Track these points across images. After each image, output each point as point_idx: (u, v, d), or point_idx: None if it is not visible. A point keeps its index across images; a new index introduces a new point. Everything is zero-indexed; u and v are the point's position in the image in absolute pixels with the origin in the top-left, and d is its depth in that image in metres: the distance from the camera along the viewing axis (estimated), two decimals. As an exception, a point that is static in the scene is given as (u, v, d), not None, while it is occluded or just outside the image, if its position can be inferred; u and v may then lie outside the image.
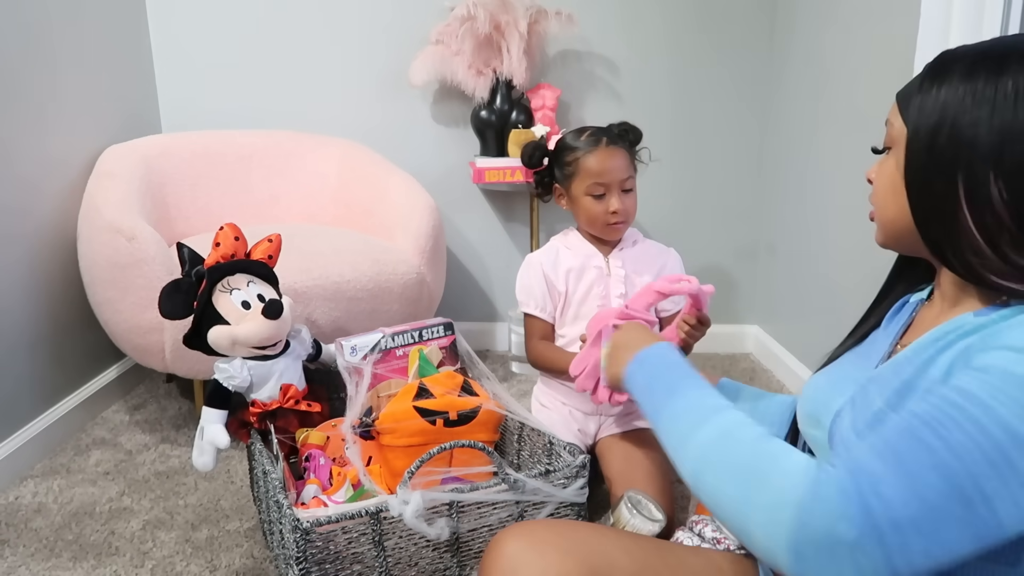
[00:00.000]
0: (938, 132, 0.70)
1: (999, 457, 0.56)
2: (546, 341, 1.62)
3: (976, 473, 0.56)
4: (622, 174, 1.52)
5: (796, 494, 0.60)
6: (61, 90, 1.98)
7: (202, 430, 1.37)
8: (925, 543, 0.56)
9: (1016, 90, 0.67)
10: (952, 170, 0.69)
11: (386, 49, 2.45)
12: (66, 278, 1.98)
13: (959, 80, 0.70)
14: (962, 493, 0.56)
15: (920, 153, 0.72)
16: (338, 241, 2.02)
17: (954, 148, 0.69)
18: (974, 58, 0.71)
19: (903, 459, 0.58)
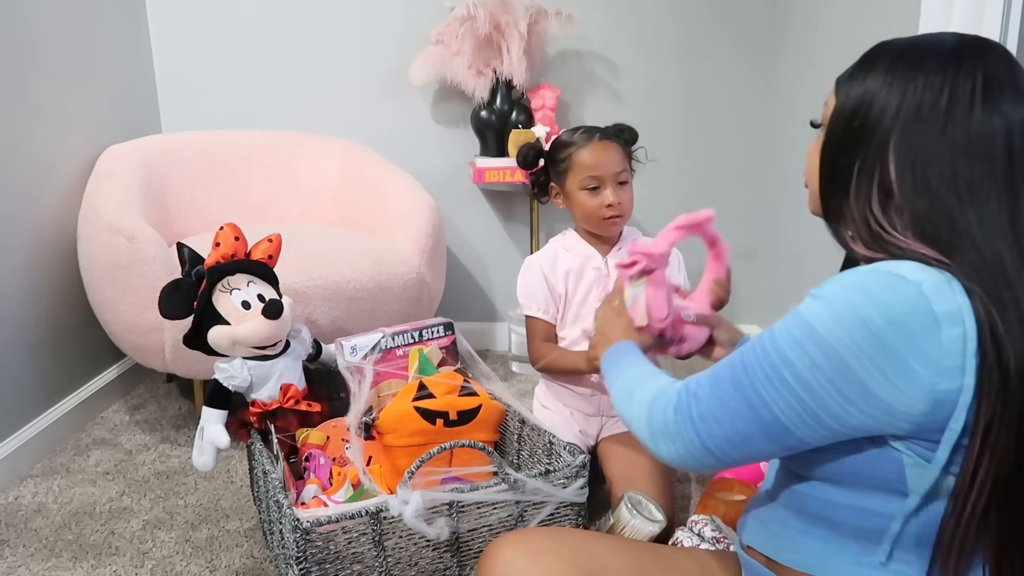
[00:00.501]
0: (855, 114, 0.79)
1: (773, 373, 0.74)
2: (549, 343, 1.61)
3: (756, 384, 0.75)
4: (616, 167, 1.51)
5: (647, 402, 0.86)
6: (61, 90, 1.98)
7: (202, 430, 1.37)
8: (724, 432, 0.77)
9: (924, 86, 0.75)
10: (856, 149, 0.78)
11: (386, 49, 2.45)
12: (66, 278, 1.98)
13: (882, 70, 0.78)
14: (747, 398, 0.76)
15: (836, 131, 0.81)
16: (338, 241, 2.01)
17: (863, 130, 0.78)
18: (898, 52, 0.79)
19: (716, 373, 0.80)
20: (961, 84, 0.74)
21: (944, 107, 0.74)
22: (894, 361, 0.69)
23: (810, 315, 0.73)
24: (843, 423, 0.72)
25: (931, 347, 0.69)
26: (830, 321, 0.71)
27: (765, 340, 0.76)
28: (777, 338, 0.75)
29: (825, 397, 0.72)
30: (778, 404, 0.74)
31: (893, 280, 0.71)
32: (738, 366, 0.77)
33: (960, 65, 0.75)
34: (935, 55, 0.76)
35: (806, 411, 0.73)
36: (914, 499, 0.74)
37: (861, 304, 0.70)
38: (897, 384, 0.69)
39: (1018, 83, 0.75)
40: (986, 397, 0.69)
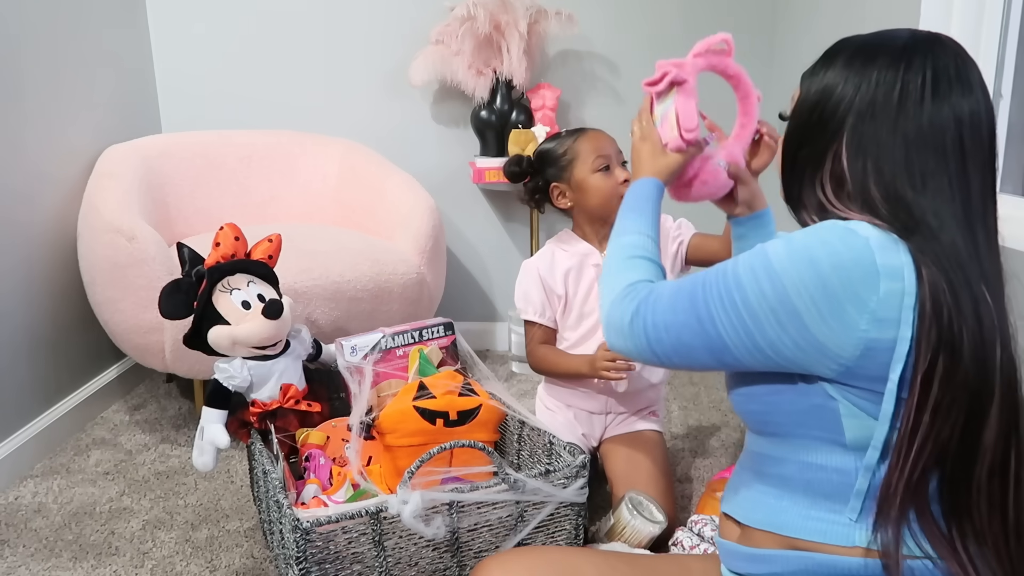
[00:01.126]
0: (814, 107, 0.85)
1: (725, 294, 0.82)
2: (547, 345, 1.59)
3: (708, 300, 0.83)
4: (615, 146, 1.53)
5: (614, 295, 0.93)
6: (61, 90, 1.98)
7: (202, 430, 1.37)
8: (671, 341, 0.86)
9: (877, 81, 0.80)
10: (815, 139, 0.85)
11: (386, 49, 2.45)
12: (66, 278, 1.98)
13: (840, 66, 0.84)
14: (696, 311, 0.84)
15: (798, 122, 0.87)
16: (338, 241, 2.02)
17: (821, 122, 0.84)
18: (855, 49, 0.85)
19: (678, 287, 0.87)
20: (912, 79, 0.79)
21: (896, 101, 0.79)
22: (831, 302, 0.76)
23: (771, 251, 0.80)
24: (777, 351, 0.80)
25: (868, 295, 0.75)
26: (785, 259, 0.79)
27: (728, 265, 0.84)
28: (739, 265, 0.82)
29: (765, 323, 0.79)
30: (723, 323, 0.82)
31: (846, 233, 0.78)
32: (699, 283, 0.85)
33: (911, 61, 0.80)
34: (888, 51, 0.82)
35: (746, 333, 0.81)
36: (873, 454, 0.79)
37: (814, 247, 0.78)
38: (830, 323, 0.76)
39: (967, 76, 0.80)
40: (924, 355, 0.75)
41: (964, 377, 0.75)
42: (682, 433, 2.00)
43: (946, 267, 0.75)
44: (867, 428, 0.79)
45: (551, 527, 1.27)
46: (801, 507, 0.84)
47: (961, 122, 0.78)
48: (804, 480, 0.84)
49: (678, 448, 1.91)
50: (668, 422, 2.05)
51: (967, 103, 0.79)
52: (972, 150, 0.79)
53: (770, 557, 0.86)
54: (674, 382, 2.32)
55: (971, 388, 0.76)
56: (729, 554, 0.93)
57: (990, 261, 0.79)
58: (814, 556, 0.82)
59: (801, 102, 0.88)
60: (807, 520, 0.84)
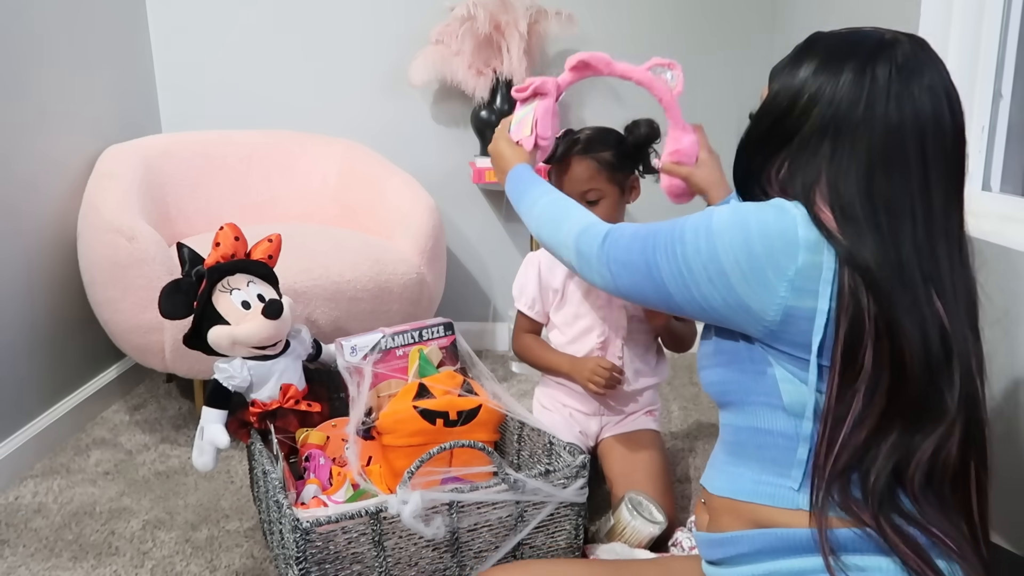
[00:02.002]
0: (789, 106, 0.88)
1: (669, 246, 0.91)
2: (533, 335, 1.64)
3: (656, 250, 0.93)
4: (580, 185, 1.50)
5: (578, 229, 1.05)
6: (61, 90, 1.98)
7: (202, 430, 1.37)
8: (627, 278, 0.97)
9: (847, 82, 0.83)
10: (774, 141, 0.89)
11: (386, 49, 2.45)
12: (66, 278, 1.98)
13: (813, 65, 0.86)
14: (646, 258, 0.94)
15: (763, 118, 0.91)
16: (338, 241, 2.02)
17: (791, 118, 0.87)
18: (830, 45, 0.88)
19: (639, 231, 0.97)
20: (877, 89, 0.82)
21: (860, 115, 0.82)
22: (754, 265, 0.83)
23: (716, 213, 0.89)
24: (709, 305, 0.89)
25: (787, 264, 0.82)
26: (725, 222, 0.87)
27: (680, 220, 0.93)
28: (687, 222, 0.91)
29: (699, 278, 0.88)
30: (666, 271, 0.92)
31: (780, 209, 0.85)
32: (651, 232, 0.95)
33: (876, 69, 0.83)
34: (863, 51, 0.85)
35: (683, 284, 0.90)
36: (807, 424, 0.85)
37: (749, 215, 0.85)
38: (753, 286, 0.84)
39: (934, 78, 0.83)
40: (843, 331, 0.80)
41: (899, 379, 0.79)
42: (682, 433, 2.00)
43: (887, 280, 0.79)
44: (800, 394, 0.85)
45: (551, 527, 1.27)
46: (753, 472, 0.91)
47: (924, 129, 0.81)
48: (755, 445, 0.91)
49: (678, 448, 1.91)
50: (668, 422, 2.05)
51: (930, 106, 0.82)
52: (935, 159, 0.82)
53: (735, 539, 0.90)
54: (674, 382, 2.32)
55: (909, 394, 0.80)
56: (702, 544, 0.97)
57: (954, 278, 0.82)
58: (774, 532, 0.86)
59: (773, 96, 0.91)
60: (758, 485, 0.90)
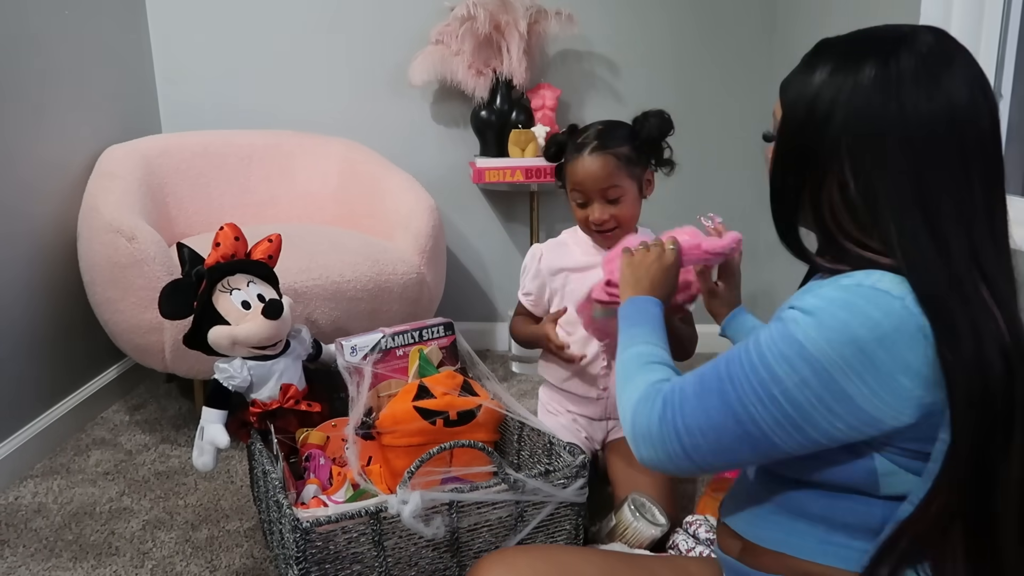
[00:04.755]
0: (804, 123, 0.78)
1: (762, 390, 0.74)
2: (524, 317, 1.64)
3: (744, 400, 0.75)
4: (600, 183, 1.44)
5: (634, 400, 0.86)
6: (61, 90, 1.98)
7: (202, 430, 1.37)
8: (709, 445, 0.78)
9: (870, 78, 0.74)
10: (806, 159, 0.78)
11: (386, 49, 2.45)
12: (66, 278, 1.98)
13: (829, 68, 0.77)
14: (735, 413, 0.76)
15: (785, 134, 0.80)
16: (338, 241, 2.01)
17: (812, 140, 0.77)
18: (843, 48, 0.79)
19: (703, 382, 0.79)
20: (906, 79, 0.73)
21: (894, 108, 0.73)
22: (882, 377, 0.70)
23: (799, 332, 0.73)
24: (829, 436, 0.74)
25: (917, 361, 0.70)
26: (819, 340, 0.71)
27: (752, 354, 0.76)
28: (765, 354, 0.75)
29: (813, 413, 0.73)
30: (766, 420, 0.75)
31: (877, 295, 0.71)
32: (725, 379, 0.77)
33: (899, 58, 0.74)
34: (879, 49, 0.76)
35: (793, 427, 0.74)
36: (907, 507, 0.75)
37: (849, 322, 0.70)
38: (885, 399, 0.71)
39: (963, 67, 0.74)
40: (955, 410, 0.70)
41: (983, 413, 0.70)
42: (682, 433, 2.00)
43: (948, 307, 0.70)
44: (905, 484, 0.75)
45: (551, 527, 1.27)
46: (819, 532, 0.81)
47: (960, 121, 0.73)
48: (825, 510, 0.81)
49: (678, 448, 1.91)
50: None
51: (965, 96, 0.73)
52: (974, 153, 0.73)
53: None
54: (674, 382, 2.32)
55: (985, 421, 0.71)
56: (733, 571, 0.90)
57: (999, 274, 0.74)
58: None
59: (788, 111, 0.80)
60: (825, 545, 0.81)
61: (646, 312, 1.02)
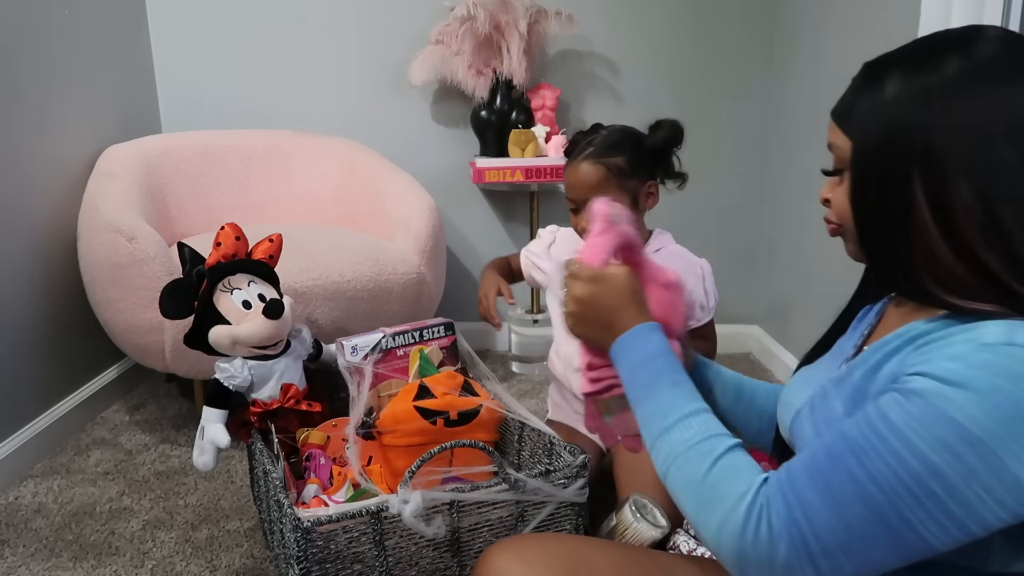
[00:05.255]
0: (887, 140, 0.67)
1: (918, 488, 0.60)
2: (504, 260, 1.65)
3: (898, 503, 0.61)
4: (587, 193, 1.37)
5: (736, 523, 0.67)
6: (61, 90, 1.98)
7: (202, 430, 1.37)
8: (854, 564, 0.63)
9: (959, 84, 0.65)
10: (905, 178, 0.66)
11: (386, 49, 2.45)
12: (66, 278, 1.98)
13: (899, 84, 0.67)
14: (886, 521, 0.61)
15: (868, 168, 0.69)
16: (338, 241, 2.02)
17: (907, 153, 0.66)
18: (909, 59, 0.69)
19: (832, 487, 0.63)
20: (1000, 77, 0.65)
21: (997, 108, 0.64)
22: None
23: (954, 411, 0.60)
24: (988, 527, 0.61)
25: None
26: (984, 418, 0.59)
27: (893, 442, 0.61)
28: (913, 440, 0.61)
29: (980, 506, 0.60)
30: (925, 523, 0.61)
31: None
32: (864, 479, 0.62)
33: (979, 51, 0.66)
34: (954, 49, 0.67)
35: (956, 525, 0.60)
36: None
37: (1013, 391, 0.59)
38: None
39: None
40: None
41: None
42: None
43: None
44: (1018, 555, 0.65)
45: (551, 527, 1.27)
46: None
47: None
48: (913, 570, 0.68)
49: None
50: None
51: None
52: None
53: None
54: (674, 382, 2.32)
55: None
56: None
57: None
58: None
59: (862, 141, 0.69)
60: None
61: (646, 354, 0.80)
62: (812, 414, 0.76)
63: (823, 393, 0.77)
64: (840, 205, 0.74)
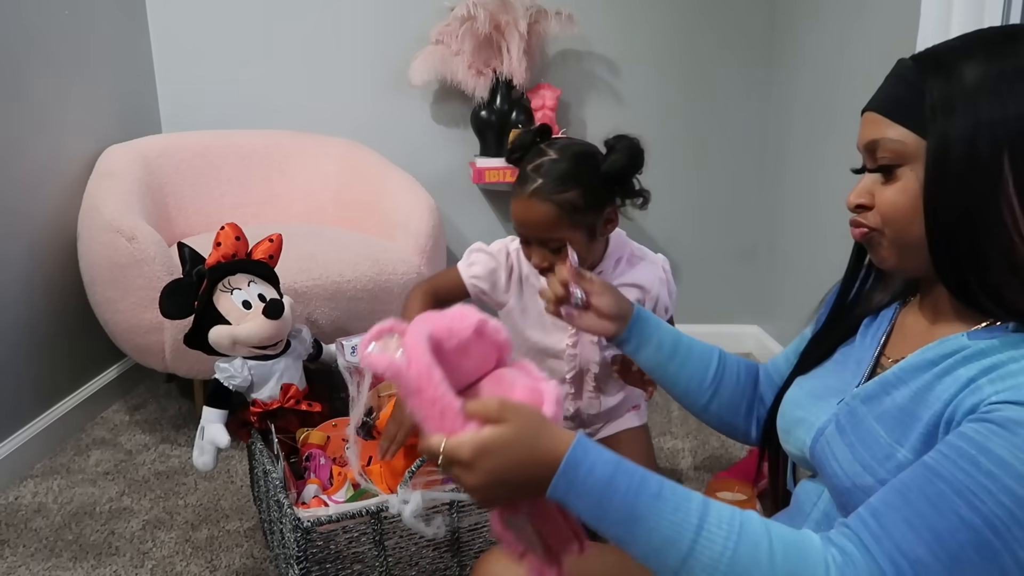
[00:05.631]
0: (978, 129, 0.63)
1: None
2: (424, 295, 1.35)
3: (1014, 545, 0.56)
4: (537, 232, 1.23)
5: None
6: (61, 90, 1.97)
7: (202, 430, 1.37)
8: None
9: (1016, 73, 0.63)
10: (997, 170, 0.63)
11: (386, 49, 2.45)
12: (66, 278, 1.97)
13: (982, 70, 0.64)
14: (1002, 567, 0.56)
15: (956, 160, 0.64)
16: (338, 241, 2.02)
17: (1000, 141, 0.62)
18: (981, 47, 0.66)
19: (943, 537, 0.57)
20: None
21: None
22: None
23: None
24: None
25: None
26: None
27: (1007, 481, 0.56)
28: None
29: None
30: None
31: None
32: (979, 525, 0.56)
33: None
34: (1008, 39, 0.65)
35: None
36: None
37: None
38: None
39: None
40: None
41: None
42: (682, 433, 2.00)
43: None
44: None
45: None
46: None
47: None
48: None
49: (678, 448, 1.91)
50: (668, 422, 2.05)
51: None
52: None
53: None
54: (674, 382, 2.32)
55: None
56: None
57: None
58: None
59: (946, 138, 0.64)
60: None
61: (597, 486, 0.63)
62: (842, 435, 0.72)
63: (850, 411, 0.73)
64: (891, 205, 0.70)
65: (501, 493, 0.65)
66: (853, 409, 0.73)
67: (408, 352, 0.65)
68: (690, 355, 1.00)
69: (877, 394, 0.71)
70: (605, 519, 0.63)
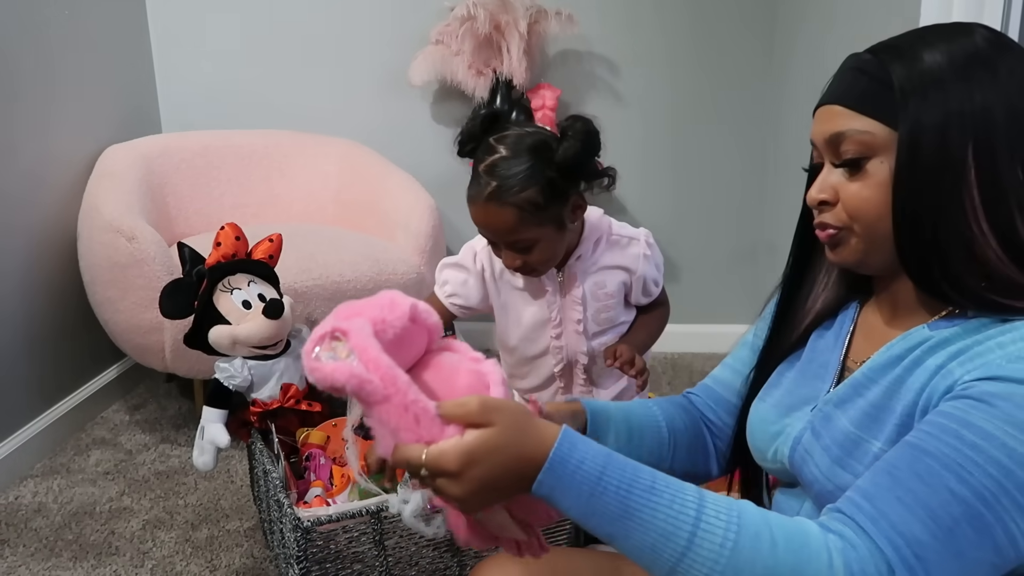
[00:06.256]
0: (948, 117, 0.63)
1: (1022, 496, 0.57)
2: None
3: (1004, 516, 0.57)
4: (502, 237, 1.21)
5: None
6: (61, 90, 1.97)
7: (203, 429, 1.37)
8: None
9: (991, 57, 0.64)
10: (962, 161, 0.63)
11: (386, 49, 2.45)
12: (66, 278, 1.98)
13: (943, 58, 0.64)
14: (993, 538, 0.57)
15: (927, 149, 0.64)
16: (338, 241, 2.02)
17: (968, 129, 0.63)
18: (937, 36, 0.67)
19: (936, 513, 0.57)
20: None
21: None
22: None
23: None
24: None
25: None
26: None
27: (992, 452, 0.57)
28: (1014, 446, 0.57)
29: None
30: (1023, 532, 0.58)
31: None
32: (970, 497, 0.57)
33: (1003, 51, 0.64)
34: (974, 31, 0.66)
35: None
36: None
37: None
38: None
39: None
40: None
41: None
42: (682, 433, 2.00)
43: None
44: None
45: (551, 527, 1.27)
46: None
47: None
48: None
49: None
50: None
51: None
52: None
53: None
54: (674, 382, 2.32)
55: None
56: None
57: None
58: None
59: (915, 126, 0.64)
60: None
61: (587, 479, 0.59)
62: (818, 439, 0.72)
63: (824, 416, 0.73)
64: (861, 200, 0.69)
65: (488, 499, 0.61)
66: (827, 414, 0.73)
67: (362, 357, 0.57)
68: (643, 428, 0.92)
69: (850, 396, 0.72)
70: (596, 515, 0.59)
